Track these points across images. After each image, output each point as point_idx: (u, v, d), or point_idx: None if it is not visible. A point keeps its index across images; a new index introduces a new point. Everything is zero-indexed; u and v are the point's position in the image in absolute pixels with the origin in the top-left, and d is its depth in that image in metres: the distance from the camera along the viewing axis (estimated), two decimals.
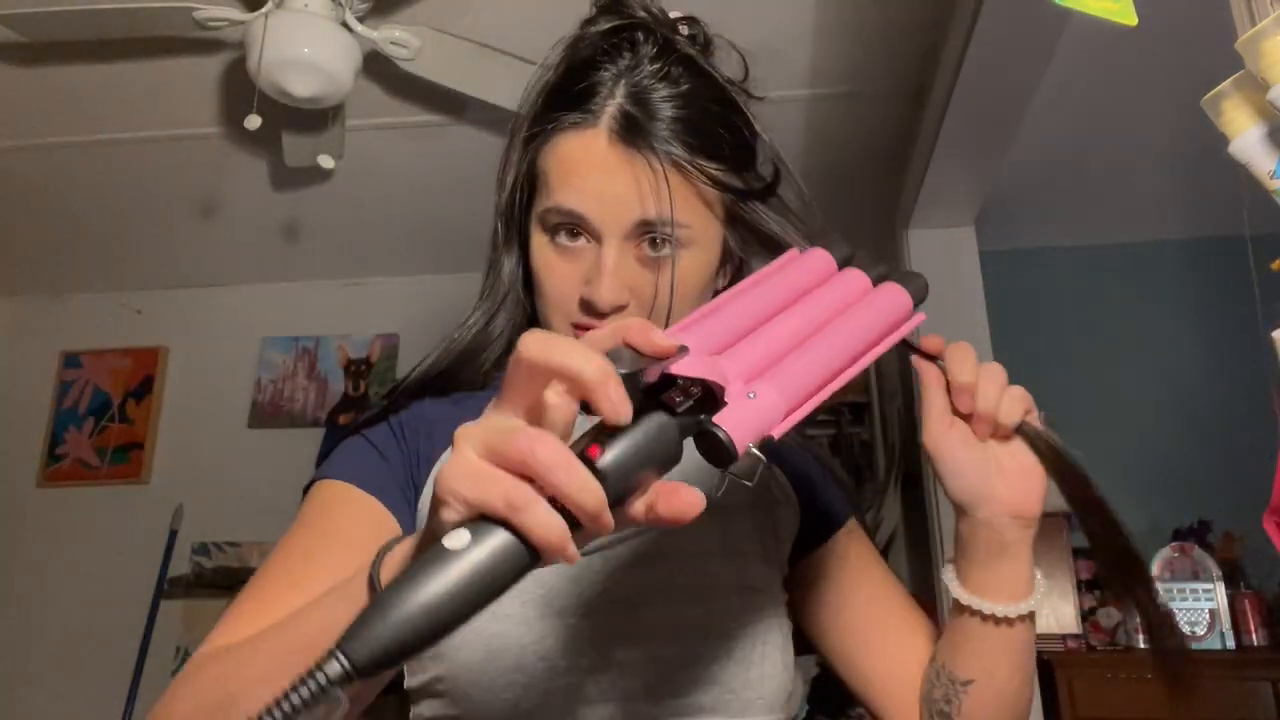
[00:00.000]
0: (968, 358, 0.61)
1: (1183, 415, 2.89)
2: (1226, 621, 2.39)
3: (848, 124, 2.44)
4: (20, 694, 2.95)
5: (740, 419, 0.42)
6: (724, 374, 0.44)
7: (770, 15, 1.99)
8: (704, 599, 0.68)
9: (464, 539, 0.36)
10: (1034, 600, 0.64)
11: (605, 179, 0.64)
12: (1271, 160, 0.53)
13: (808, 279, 0.55)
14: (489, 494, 0.37)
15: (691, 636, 0.67)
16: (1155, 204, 2.93)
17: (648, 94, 0.65)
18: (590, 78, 0.66)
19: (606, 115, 0.65)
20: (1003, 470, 0.62)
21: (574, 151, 0.66)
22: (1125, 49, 2.13)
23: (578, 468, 0.37)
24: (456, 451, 0.39)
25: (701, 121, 0.66)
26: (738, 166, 0.68)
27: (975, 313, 2.55)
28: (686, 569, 0.69)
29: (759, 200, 0.69)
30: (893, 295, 0.56)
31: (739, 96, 0.71)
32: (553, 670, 0.63)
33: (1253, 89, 0.53)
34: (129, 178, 2.66)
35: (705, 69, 0.68)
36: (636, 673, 0.65)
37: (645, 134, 0.64)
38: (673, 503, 0.40)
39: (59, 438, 3.24)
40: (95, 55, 2.10)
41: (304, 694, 0.33)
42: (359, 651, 0.34)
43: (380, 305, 3.29)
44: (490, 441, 0.38)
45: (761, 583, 0.72)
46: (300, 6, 1.81)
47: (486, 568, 0.36)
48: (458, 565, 0.36)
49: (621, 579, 0.68)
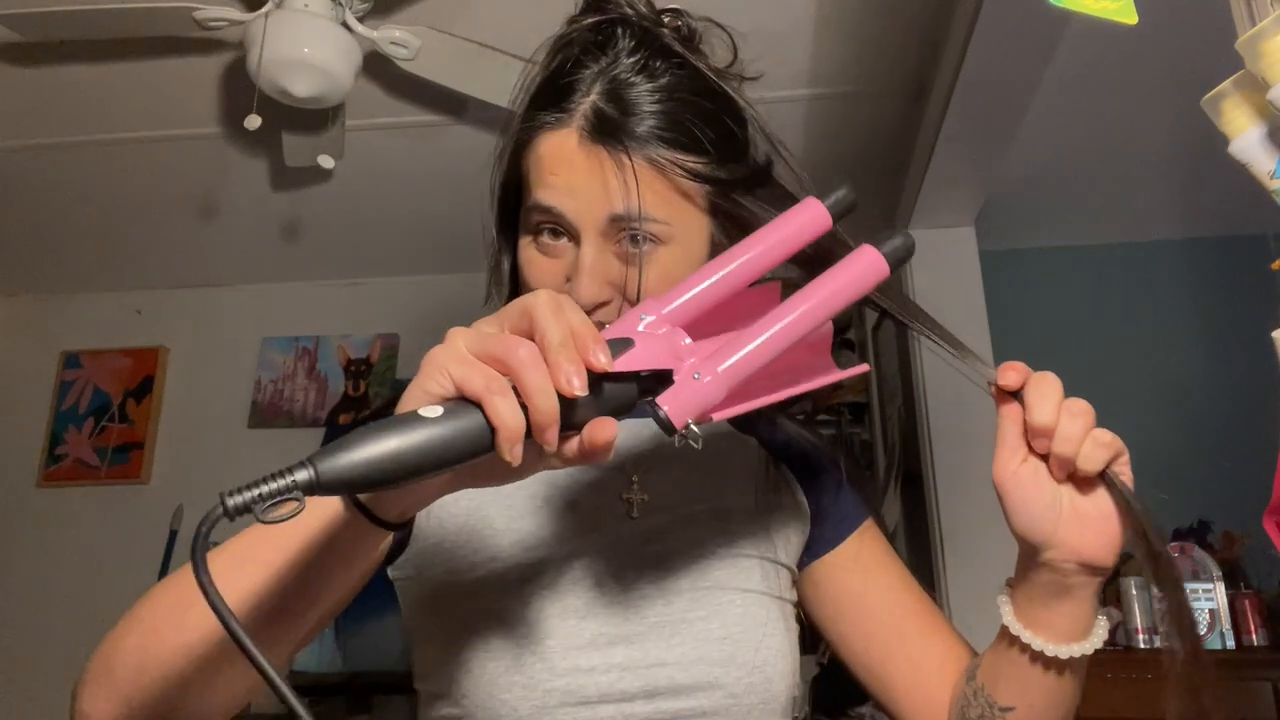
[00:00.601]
0: (1049, 394, 0.56)
1: (1183, 415, 2.89)
2: (1226, 621, 2.38)
3: (848, 123, 2.44)
4: (20, 694, 2.95)
5: (681, 400, 0.47)
6: (679, 354, 0.48)
7: (770, 15, 1.99)
8: (705, 601, 0.68)
9: (437, 411, 0.42)
10: (1092, 643, 0.60)
11: (575, 176, 0.64)
12: (1271, 160, 0.53)
13: (796, 234, 0.55)
14: (471, 376, 0.43)
15: (692, 639, 0.66)
16: (1155, 204, 2.93)
17: (624, 89, 0.65)
18: (570, 76, 0.66)
19: (579, 113, 0.65)
20: (1077, 514, 0.57)
21: (549, 150, 0.66)
22: (1125, 49, 2.13)
23: (546, 374, 0.43)
24: (449, 341, 0.45)
25: (680, 114, 0.65)
26: (723, 157, 0.67)
27: (975, 313, 2.56)
28: (689, 571, 0.69)
29: (744, 190, 0.67)
30: (863, 260, 0.54)
31: (727, 84, 0.69)
32: (552, 671, 0.64)
33: (1253, 89, 0.53)
34: (129, 178, 2.66)
35: (687, 59, 0.67)
36: (637, 674, 0.65)
37: (616, 130, 0.63)
38: (594, 430, 0.45)
39: (59, 438, 3.25)
40: (95, 55, 2.10)
41: (273, 486, 0.39)
42: (326, 469, 0.39)
43: (380, 305, 3.29)
44: (480, 340, 0.45)
45: (765, 586, 0.71)
46: (300, 6, 1.81)
47: (448, 437, 0.42)
48: (426, 428, 0.42)
49: (623, 580, 0.68)
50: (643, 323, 0.50)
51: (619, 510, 0.71)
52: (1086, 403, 0.56)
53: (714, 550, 0.71)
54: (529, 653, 0.64)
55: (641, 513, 0.71)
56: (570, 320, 0.45)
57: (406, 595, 0.72)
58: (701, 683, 0.65)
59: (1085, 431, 0.55)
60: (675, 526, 0.71)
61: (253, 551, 0.54)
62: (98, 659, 0.57)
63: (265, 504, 0.38)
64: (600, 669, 0.64)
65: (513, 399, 0.43)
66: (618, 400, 0.47)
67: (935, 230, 2.62)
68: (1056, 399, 0.56)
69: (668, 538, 0.70)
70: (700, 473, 0.75)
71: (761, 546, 0.73)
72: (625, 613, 0.67)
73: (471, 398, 0.43)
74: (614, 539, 0.70)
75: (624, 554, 0.69)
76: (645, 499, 0.72)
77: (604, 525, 0.71)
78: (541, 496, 0.71)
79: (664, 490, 0.73)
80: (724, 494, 0.74)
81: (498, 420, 0.42)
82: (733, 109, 0.69)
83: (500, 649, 0.64)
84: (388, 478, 0.41)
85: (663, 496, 0.73)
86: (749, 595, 0.69)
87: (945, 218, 2.57)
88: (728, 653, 0.66)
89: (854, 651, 0.75)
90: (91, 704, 0.56)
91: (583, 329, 0.45)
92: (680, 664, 0.65)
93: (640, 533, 0.71)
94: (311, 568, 0.53)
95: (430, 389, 0.44)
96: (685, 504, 0.73)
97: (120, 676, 0.55)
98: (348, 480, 0.40)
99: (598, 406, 0.46)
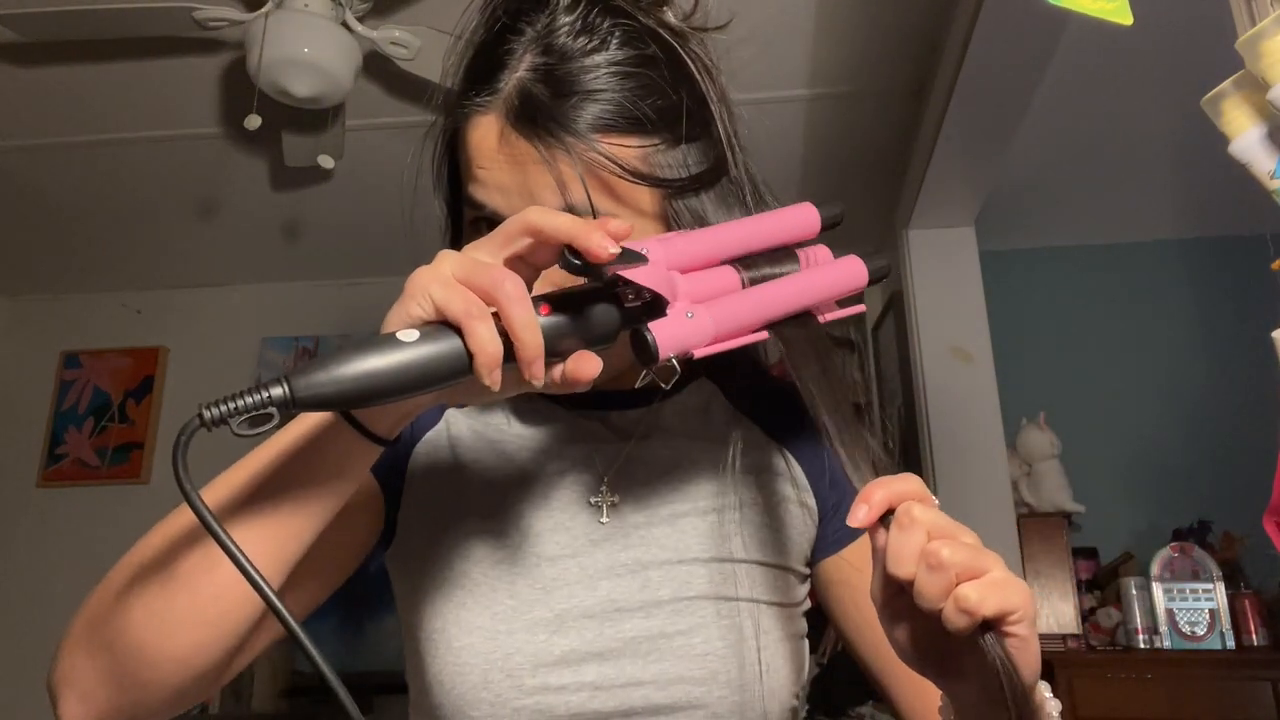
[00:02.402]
0: (906, 539, 0.43)
1: (1183, 415, 2.89)
2: (1226, 621, 2.38)
3: (848, 124, 2.44)
4: (20, 694, 2.95)
5: (671, 331, 0.47)
6: (675, 291, 0.49)
7: (770, 15, 1.99)
8: (689, 614, 0.62)
9: (414, 335, 0.43)
10: None
11: (501, 171, 0.57)
12: (1271, 160, 0.53)
13: (789, 229, 0.55)
14: (453, 300, 0.43)
15: (672, 656, 0.61)
16: (1155, 204, 2.93)
17: (558, 63, 0.56)
18: (500, 44, 0.58)
19: (503, 96, 0.57)
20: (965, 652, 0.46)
21: (475, 140, 0.58)
22: (1125, 49, 2.13)
23: (531, 309, 0.43)
24: (436, 264, 0.44)
25: (624, 91, 0.56)
26: (676, 138, 0.57)
27: (975, 313, 2.55)
28: (670, 579, 0.63)
29: (698, 189, 0.58)
30: (849, 267, 0.55)
31: (683, 46, 0.59)
32: (519, 689, 0.60)
33: (1253, 89, 0.53)
34: (129, 178, 2.66)
35: (634, 19, 0.58)
36: (611, 694, 0.60)
37: (544, 117, 0.55)
38: (576, 363, 0.45)
39: (59, 438, 3.25)
40: (95, 55, 2.10)
41: (248, 400, 0.40)
42: (301, 387, 0.40)
43: (380, 305, 3.23)
44: (468, 266, 0.44)
45: (761, 592, 0.65)
46: (300, 6, 1.81)
47: (425, 360, 0.42)
48: (403, 350, 0.42)
49: (596, 591, 0.63)
50: (645, 251, 0.49)
51: (590, 514, 0.66)
52: (966, 542, 0.43)
53: (699, 555, 0.64)
54: (496, 669, 0.60)
55: (612, 516, 0.65)
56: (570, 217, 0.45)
57: (396, 588, 0.69)
58: (681, 703, 0.60)
59: (946, 590, 0.42)
60: (654, 530, 0.65)
61: (241, 467, 0.53)
62: (76, 623, 0.53)
63: (240, 417, 0.40)
64: (571, 688, 0.60)
65: (492, 325, 0.42)
66: (601, 327, 0.47)
67: (935, 230, 2.62)
68: (914, 545, 0.43)
69: (647, 544, 0.64)
70: (681, 471, 0.68)
71: (755, 548, 0.67)
72: (599, 627, 0.62)
73: (452, 322, 0.43)
74: (586, 544, 0.64)
75: (600, 561, 0.64)
76: (615, 501, 0.66)
77: (576, 530, 0.65)
78: (512, 499, 0.66)
79: (639, 491, 0.67)
80: (709, 493, 0.67)
81: (476, 346, 0.42)
82: (689, 79, 0.59)
83: (470, 665, 0.60)
84: (362, 397, 0.42)
85: (638, 498, 0.66)
86: (738, 605, 0.63)
87: (945, 218, 2.57)
88: (710, 670, 0.61)
89: (863, 658, 0.70)
90: (71, 666, 0.51)
91: (585, 223, 0.44)
92: (657, 683, 0.60)
93: (615, 538, 0.65)
94: (301, 478, 0.50)
95: (412, 311, 0.43)
96: (664, 505, 0.66)
97: (98, 618, 0.51)
98: (321, 398, 0.41)
99: (579, 332, 0.46)
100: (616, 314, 0.48)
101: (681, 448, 0.69)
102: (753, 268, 0.52)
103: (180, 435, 0.39)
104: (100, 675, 0.51)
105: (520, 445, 0.69)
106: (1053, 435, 2.70)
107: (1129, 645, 2.44)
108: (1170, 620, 2.40)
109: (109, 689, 0.51)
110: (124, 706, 0.51)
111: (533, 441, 0.69)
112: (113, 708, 0.51)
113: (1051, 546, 2.54)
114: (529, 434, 0.69)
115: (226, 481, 0.52)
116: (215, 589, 0.50)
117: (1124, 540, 2.74)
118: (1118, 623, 2.49)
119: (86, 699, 0.51)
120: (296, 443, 0.51)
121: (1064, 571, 2.53)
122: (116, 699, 0.51)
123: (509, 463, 0.68)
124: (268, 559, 0.50)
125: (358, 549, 0.66)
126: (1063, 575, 2.52)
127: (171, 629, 0.50)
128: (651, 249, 0.49)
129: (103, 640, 0.51)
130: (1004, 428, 2.48)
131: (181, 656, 0.50)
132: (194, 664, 0.50)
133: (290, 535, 0.51)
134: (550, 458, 0.68)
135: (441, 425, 0.70)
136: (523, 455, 0.68)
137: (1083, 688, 2.36)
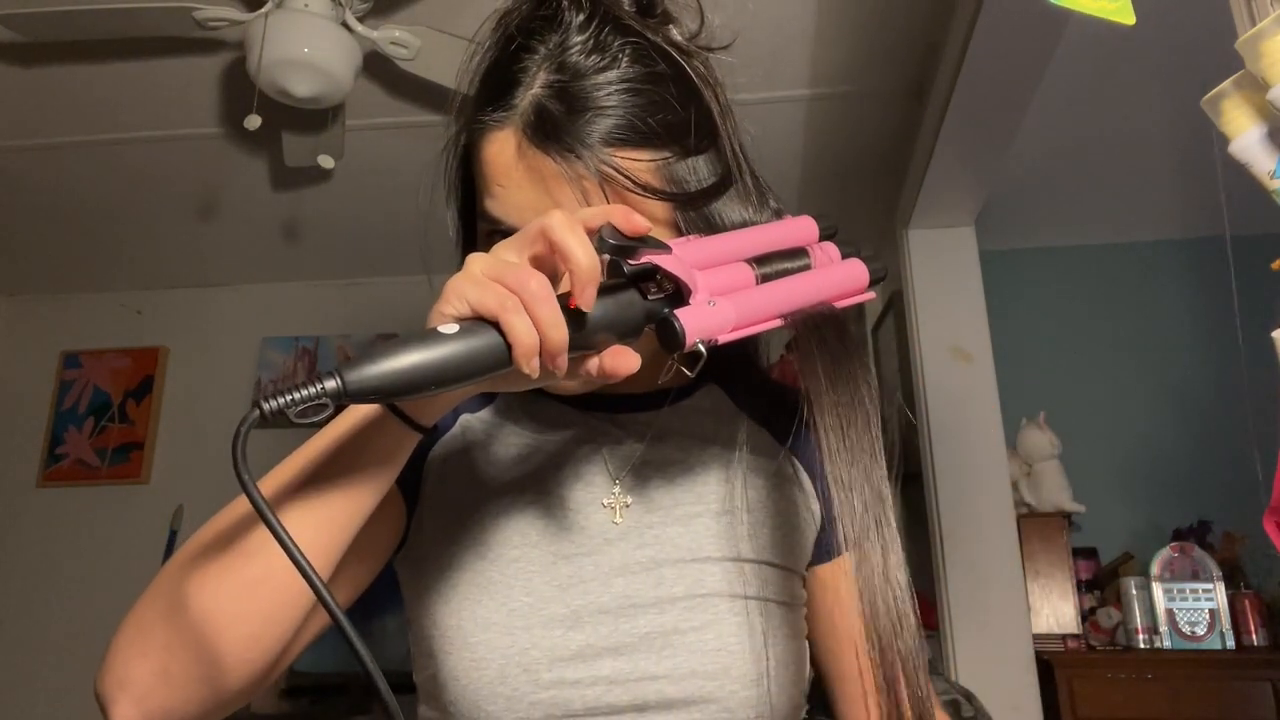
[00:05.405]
0: None
1: (1183, 415, 2.89)
2: (1226, 621, 2.39)
3: (848, 124, 2.44)
4: (20, 694, 2.95)
5: (696, 318, 0.50)
6: (695, 283, 0.51)
7: (770, 15, 1.99)
8: (701, 610, 0.64)
9: (454, 329, 0.46)
10: None
11: (517, 188, 0.58)
12: (1271, 160, 0.53)
13: (792, 237, 0.59)
14: (487, 297, 0.46)
15: (685, 651, 0.63)
16: (1155, 204, 2.93)
17: (571, 81, 0.57)
18: (515, 62, 0.59)
19: (520, 111, 0.58)
20: None
21: (491, 156, 0.59)
22: (1125, 49, 2.13)
23: (557, 306, 0.46)
24: (467, 266, 0.48)
25: (633, 106, 0.58)
26: (686, 150, 0.59)
27: (975, 313, 2.55)
28: (684, 577, 0.65)
29: (708, 200, 0.60)
30: (853, 268, 0.59)
31: (689, 63, 0.61)
32: (536, 684, 0.61)
33: (1253, 89, 0.53)
34: (129, 178, 2.66)
35: (645, 37, 0.60)
36: (625, 688, 0.62)
37: (560, 133, 0.56)
38: (615, 359, 0.49)
39: (59, 438, 3.25)
40: (95, 55, 2.10)
41: (304, 393, 0.43)
42: (352, 379, 0.43)
43: (380, 305, 3.29)
44: (496, 266, 0.47)
45: (770, 591, 0.67)
46: (300, 6, 1.81)
47: (466, 351, 0.45)
48: (444, 343, 0.45)
49: (611, 587, 0.64)
50: None
51: (604, 515, 0.68)
52: None
53: (711, 555, 0.66)
54: (513, 664, 0.61)
55: (626, 517, 0.67)
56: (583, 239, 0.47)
57: (406, 590, 0.71)
58: (694, 697, 0.62)
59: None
60: (668, 530, 0.67)
61: (293, 459, 0.55)
62: (126, 624, 0.53)
63: (297, 408, 0.43)
64: (586, 682, 0.62)
65: (526, 317, 0.45)
66: (628, 320, 0.50)
67: (935, 230, 2.62)
68: None
69: (661, 543, 0.66)
70: (692, 473, 0.70)
71: (766, 548, 0.68)
72: (615, 623, 0.63)
73: (487, 317, 0.46)
74: (601, 543, 0.66)
75: (614, 559, 0.66)
76: (628, 502, 0.68)
77: (591, 530, 0.67)
78: (527, 500, 0.68)
79: (652, 493, 0.68)
80: (720, 494, 0.69)
81: (513, 337, 0.45)
82: (696, 95, 0.61)
83: (485, 659, 0.62)
84: (409, 388, 0.44)
85: (651, 499, 0.68)
86: (750, 603, 0.65)
87: (945, 218, 2.57)
88: (723, 665, 0.62)
89: (815, 660, 0.72)
90: (125, 668, 0.51)
91: (591, 259, 0.47)
92: (671, 677, 0.62)
93: (630, 538, 0.67)
94: (350, 467, 0.54)
95: (447, 311, 0.47)
96: (678, 505, 0.68)
97: (155, 612, 0.53)
98: (371, 389, 0.44)
99: (608, 325, 0.49)
100: (642, 306, 0.51)
101: (692, 450, 0.70)
102: (765, 264, 0.56)
103: (240, 426, 0.43)
104: (157, 673, 0.51)
105: (535, 448, 0.70)
106: (1053, 435, 2.70)
107: (1129, 645, 2.44)
108: (1170, 620, 2.40)
109: (167, 687, 0.52)
110: (177, 705, 0.52)
111: (547, 444, 0.70)
112: (168, 707, 0.52)
113: (1051, 546, 2.55)
114: (543, 437, 0.70)
115: (280, 473, 0.55)
116: (278, 561, 0.51)
117: (1124, 540, 2.74)
118: (1118, 623, 2.49)
119: (142, 700, 0.51)
120: (347, 433, 0.54)
121: (1064, 571, 2.53)
122: (171, 698, 0.52)
123: (523, 465, 0.69)
124: (318, 547, 0.53)
125: (383, 551, 0.67)
126: (1063, 575, 2.53)
127: (238, 593, 0.52)
128: (672, 245, 0.52)
129: (164, 633, 0.52)
130: (1004, 428, 2.48)
131: (248, 632, 0.52)
132: (262, 639, 0.52)
133: (339, 525, 0.54)
134: (564, 459, 0.70)
135: (457, 429, 0.71)
136: (537, 457, 0.70)
137: (1082, 688, 2.36)
